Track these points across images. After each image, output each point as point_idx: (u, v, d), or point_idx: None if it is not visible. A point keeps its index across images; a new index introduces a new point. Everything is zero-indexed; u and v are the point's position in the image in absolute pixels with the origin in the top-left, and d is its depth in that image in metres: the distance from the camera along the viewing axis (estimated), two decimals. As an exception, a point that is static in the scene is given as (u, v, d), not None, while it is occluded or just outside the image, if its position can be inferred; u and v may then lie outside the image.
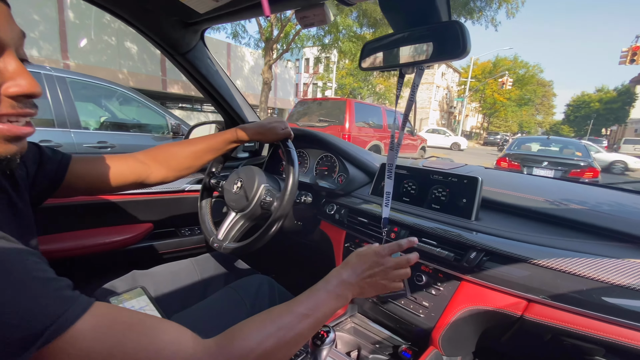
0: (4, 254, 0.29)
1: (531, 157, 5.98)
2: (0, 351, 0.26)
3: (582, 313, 0.57)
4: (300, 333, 0.45)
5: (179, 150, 0.80)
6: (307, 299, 0.49)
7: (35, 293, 0.29)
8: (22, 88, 0.34)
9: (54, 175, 0.59)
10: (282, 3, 0.78)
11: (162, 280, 0.93)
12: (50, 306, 0.29)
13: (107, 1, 0.86)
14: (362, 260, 0.57)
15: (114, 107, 3.36)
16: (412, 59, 0.69)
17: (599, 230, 0.68)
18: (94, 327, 0.31)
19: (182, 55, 1.06)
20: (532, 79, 34.67)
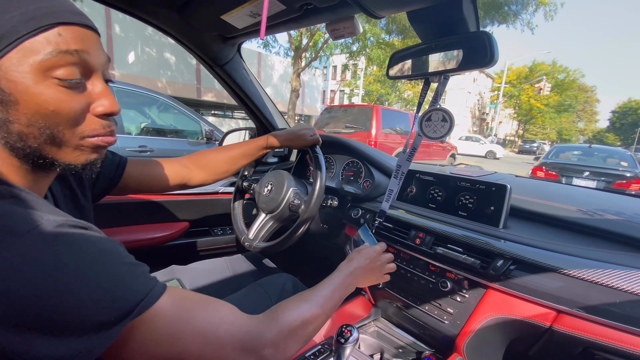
0: (102, 243, 0.35)
1: (571, 167, 5.62)
2: (104, 322, 0.31)
3: (614, 326, 0.55)
4: (324, 311, 0.55)
5: (217, 155, 0.87)
6: (326, 285, 0.60)
7: (128, 275, 0.35)
8: (106, 108, 0.40)
9: (113, 176, 0.67)
10: (315, 17, 0.83)
11: (198, 275, 1.00)
12: (140, 285, 0.35)
13: (159, 20, 0.96)
14: (364, 257, 0.72)
15: (153, 114, 3.60)
16: (440, 68, 0.72)
17: (634, 242, 0.65)
18: (172, 303, 0.37)
19: (220, 67, 1.15)
20: (573, 84, 32.56)
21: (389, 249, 0.93)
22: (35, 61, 0.33)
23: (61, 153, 0.38)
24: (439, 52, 0.71)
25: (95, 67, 0.39)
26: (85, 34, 0.37)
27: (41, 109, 0.35)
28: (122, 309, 0.32)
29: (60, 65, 0.35)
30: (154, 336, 0.36)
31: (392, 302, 0.93)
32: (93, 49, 0.38)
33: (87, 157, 0.41)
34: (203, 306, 0.41)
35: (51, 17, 0.34)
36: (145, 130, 3.42)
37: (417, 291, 0.85)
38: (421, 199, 0.96)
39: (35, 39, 0.33)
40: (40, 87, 0.34)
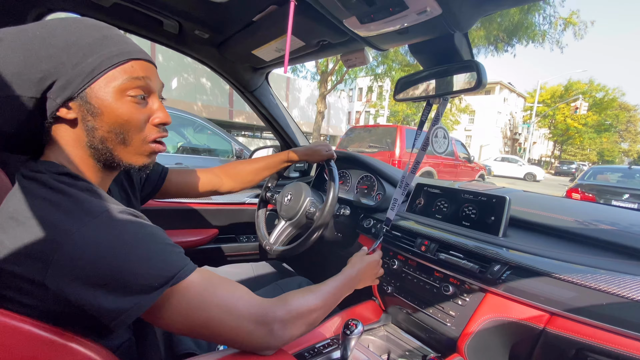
0: (150, 227, 0.46)
1: (610, 189, 5.30)
2: (150, 285, 0.40)
3: (603, 327, 0.59)
4: (326, 304, 0.63)
5: (244, 166, 1.00)
6: (330, 283, 0.70)
7: (169, 252, 0.45)
8: (161, 119, 0.53)
9: (156, 182, 0.81)
10: (330, 50, 0.97)
11: (228, 276, 1.12)
12: (177, 261, 0.44)
13: (201, 55, 1.15)
14: (365, 263, 0.85)
15: (189, 134, 3.91)
16: (439, 92, 0.81)
17: (625, 250, 0.69)
18: (202, 278, 0.46)
19: (250, 93, 1.32)
20: (613, 103, 30.67)
21: (398, 256, 1.00)
22: (116, 85, 0.47)
23: (127, 154, 0.51)
24: (438, 78, 0.82)
25: (154, 89, 0.53)
26: (148, 66, 0.51)
27: (118, 118, 0.48)
28: (163, 277, 0.42)
29: (132, 87, 0.48)
30: (186, 303, 0.44)
31: (402, 308, 0.99)
32: (153, 77, 0.52)
33: (144, 160, 0.53)
34: (225, 285, 0.49)
35: (127, 55, 0.48)
36: (182, 149, 3.72)
37: (423, 295, 0.91)
38: (428, 210, 1.03)
39: (117, 70, 0.47)
40: (118, 103, 0.47)
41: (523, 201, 0.98)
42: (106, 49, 0.47)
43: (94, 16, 0.93)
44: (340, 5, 0.67)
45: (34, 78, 0.43)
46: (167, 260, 0.44)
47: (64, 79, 0.44)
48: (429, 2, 0.61)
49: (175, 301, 0.43)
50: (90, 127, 0.47)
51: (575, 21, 8.38)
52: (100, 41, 0.47)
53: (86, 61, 0.45)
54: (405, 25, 0.69)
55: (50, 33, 0.44)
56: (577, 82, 31.13)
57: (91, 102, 0.46)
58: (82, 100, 0.46)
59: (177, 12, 0.88)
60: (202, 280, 0.46)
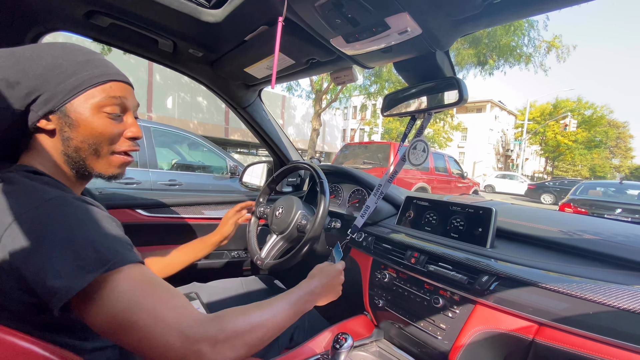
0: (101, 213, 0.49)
1: (601, 204, 5.38)
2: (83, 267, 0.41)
3: (591, 337, 0.59)
4: (277, 322, 0.57)
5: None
6: (284, 298, 0.63)
7: (112, 238, 0.46)
8: (134, 133, 0.60)
9: None
10: (319, 68, 1.01)
11: (215, 292, 1.11)
12: (118, 249, 0.45)
13: (194, 73, 1.18)
14: (325, 275, 0.77)
15: (184, 151, 3.93)
16: (422, 107, 0.85)
17: (610, 259, 0.70)
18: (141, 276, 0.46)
19: (243, 109, 1.35)
20: (601, 120, 31.55)
21: (389, 269, 1.00)
22: (94, 102, 0.53)
23: (97, 163, 0.57)
24: (422, 94, 0.85)
25: (130, 108, 0.60)
26: (125, 87, 0.58)
27: (93, 131, 0.54)
28: (98, 261, 0.42)
29: (109, 105, 0.55)
30: (115, 297, 0.42)
31: (394, 322, 0.98)
32: (129, 97, 0.59)
33: (113, 170, 0.59)
34: (163, 290, 0.47)
35: (106, 76, 0.55)
36: (176, 166, 3.73)
37: (414, 308, 0.90)
38: (418, 222, 1.04)
39: (96, 89, 0.54)
40: (94, 118, 0.54)
41: (509, 213, 1.00)
42: (88, 71, 0.53)
43: (92, 36, 0.96)
44: (326, 25, 0.71)
45: (21, 93, 0.49)
46: (107, 246, 0.44)
47: (48, 95, 0.50)
48: (409, 22, 0.65)
49: (104, 292, 0.42)
50: (66, 137, 0.53)
51: (558, 44, 8.75)
52: (84, 64, 0.54)
53: (69, 80, 0.51)
54: (388, 44, 0.73)
55: (38, 55, 0.51)
56: (566, 100, 32.09)
57: (70, 116, 0.52)
58: (62, 113, 0.52)
59: (171, 31, 0.92)
60: (141, 278, 0.45)
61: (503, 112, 35.64)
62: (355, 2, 0.60)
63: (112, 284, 0.43)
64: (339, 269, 0.81)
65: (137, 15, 0.83)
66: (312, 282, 0.73)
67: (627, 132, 40.03)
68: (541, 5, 0.59)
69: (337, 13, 0.64)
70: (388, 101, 0.94)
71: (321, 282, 0.74)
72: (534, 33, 8.29)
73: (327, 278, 0.76)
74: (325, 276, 0.76)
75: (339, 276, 0.80)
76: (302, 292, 0.68)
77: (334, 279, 0.78)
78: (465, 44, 8.19)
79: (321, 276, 0.75)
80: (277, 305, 0.59)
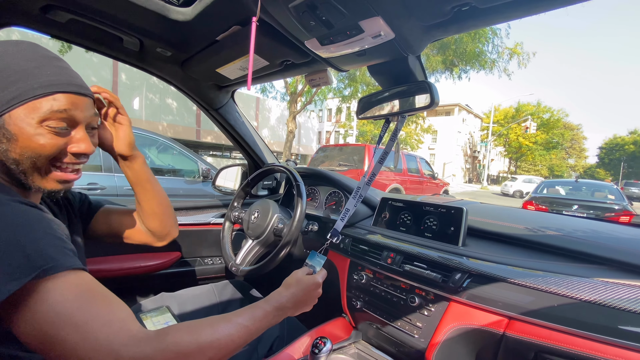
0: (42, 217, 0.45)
1: (560, 201, 5.77)
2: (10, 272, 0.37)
3: (558, 329, 0.62)
4: (234, 340, 0.50)
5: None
6: (247, 313, 0.56)
7: (48, 242, 0.42)
8: (79, 149, 0.54)
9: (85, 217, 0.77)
10: (294, 70, 0.99)
11: (186, 301, 1.05)
12: (54, 254, 0.42)
13: (163, 73, 1.13)
14: (302, 287, 0.69)
15: (152, 155, 3.76)
16: (396, 110, 0.86)
17: (571, 253, 0.75)
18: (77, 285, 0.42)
19: (215, 110, 1.31)
20: (558, 123, 34.14)
21: (366, 270, 1.01)
22: (35, 115, 0.49)
23: (35, 177, 0.52)
24: (395, 97, 0.87)
25: (80, 120, 0.54)
26: (77, 98, 0.53)
27: (32, 144, 0.49)
28: (28, 267, 0.38)
29: (52, 119, 0.50)
30: (44, 307, 0.39)
31: (372, 323, 0.98)
32: (80, 109, 0.54)
33: (52, 185, 0.54)
34: (102, 301, 0.43)
35: (53, 87, 0.50)
36: (144, 170, 3.56)
37: (391, 308, 0.91)
38: (393, 223, 1.06)
39: (39, 101, 0.49)
40: (35, 132, 0.49)
41: (479, 212, 1.04)
42: (33, 80, 0.48)
43: (49, 32, 0.89)
44: (300, 27, 0.70)
45: None
46: (39, 251, 0.41)
47: None
48: (383, 27, 0.65)
49: (33, 303, 0.38)
50: (3, 150, 0.49)
51: (519, 51, 9.35)
52: (30, 71, 0.49)
53: (9, 89, 0.47)
54: (362, 47, 0.74)
55: None
56: (527, 104, 34.35)
57: (7, 128, 0.48)
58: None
59: (137, 29, 0.87)
60: (74, 287, 0.41)
61: (470, 115, 37.43)
62: (329, 4, 0.60)
63: (42, 293, 0.39)
64: (317, 281, 0.73)
65: (98, 10, 0.78)
66: (284, 294, 0.66)
67: (581, 133, 43.50)
68: (505, 14, 0.62)
69: (311, 15, 0.64)
70: (363, 104, 0.94)
71: (295, 295, 0.66)
72: (497, 40, 8.83)
73: (303, 291, 0.69)
74: (302, 288, 0.69)
75: (317, 289, 0.72)
76: (269, 306, 0.61)
77: (310, 292, 0.70)
78: (434, 50, 8.53)
79: (297, 287, 0.68)
80: (235, 322, 0.52)
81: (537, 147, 33.86)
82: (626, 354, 0.54)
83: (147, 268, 1.22)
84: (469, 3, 0.58)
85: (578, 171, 45.89)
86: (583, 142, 45.22)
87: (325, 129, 29.29)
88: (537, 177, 20.61)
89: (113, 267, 1.16)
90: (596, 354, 0.58)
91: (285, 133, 12.16)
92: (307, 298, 0.69)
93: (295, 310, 0.68)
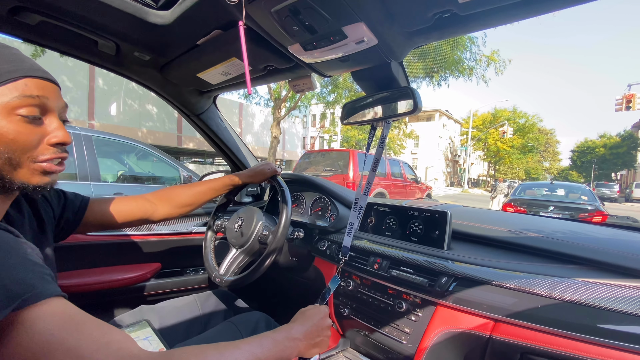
0: (14, 241, 0.40)
1: (537, 202, 5.98)
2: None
3: (542, 329, 0.62)
4: None
5: (182, 190, 0.94)
6: (255, 341, 0.52)
7: (25, 267, 0.38)
8: (59, 138, 0.50)
9: (76, 213, 0.73)
10: (277, 75, 0.99)
11: (167, 314, 1.01)
12: (33, 281, 0.38)
13: (142, 78, 1.09)
14: (308, 318, 0.65)
15: (131, 162, 3.65)
16: (380, 115, 0.86)
17: (552, 254, 0.76)
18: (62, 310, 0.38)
19: (197, 116, 1.28)
20: (533, 128, 35.71)
21: (353, 276, 1.00)
22: (2, 102, 0.45)
23: (17, 174, 0.48)
24: (379, 103, 0.87)
25: (52, 109, 0.51)
26: (46, 84, 0.50)
27: (2, 137, 0.45)
28: (5, 297, 0.34)
29: (23, 105, 0.46)
30: (29, 337, 0.35)
31: (360, 330, 0.97)
32: (52, 96, 0.50)
33: (37, 180, 0.50)
34: (92, 326, 0.39)
35: (19, 72, 0.47)
36: (122, 178, 3.44)
37: (378, 315, 0.90)
38: (379, 228, 1.05)
39: (6, 86, 0.45)
40: (3, 122, 0.45)
41: (463, 215, 1.06)
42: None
43: (19, 35, 0.85)
44: (283, 32, 0.69)
45: None
46: (17, 279, 0.37)
47: None
48: (366, 33, 0.66)
49: (16, 335, 0.35)
50: None
51: (496, 59, 9.73)
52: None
53: None
54: (346, 53, 0.74)
55: None
56: (504, 110, 35.73)
57: None
58: None
59: (113, 32, 0.84)
60: (59, 314, 0.38)
61: (450, 120, 38.53)
62: (312, 10, 0.60)
63: (26, 324, 0.35)
64: (324, 310, 0.69)
65: (71, 12, 0.75)
66: (292, 326, 0.62)
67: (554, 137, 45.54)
68: (484, 21, 0.64)
69: (294, 20, 0.63)
70: (347, 110, 0.94)
71: (304, 327, 0.62)
72: (475, 48, 9.17)
73: (311, 321, 0.64)
74: (308, 319, 0.64)
75: (325, 319, 0.68)
76: (278, 335, 0.57)
77: (319, 321, 0.66)
78: (415, 57, 8.76)
79: (303, 319, 0.64)
80: (244, 349, 0.49)
81: (514, 151, 35.20)
82: (606, 352, 0.55)
83: (125, 281, 1.16)
84: (450, 10, 0.59)
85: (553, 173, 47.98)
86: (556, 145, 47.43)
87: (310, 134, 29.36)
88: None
89: (88, 280, 1.10)
90: (579, 353, 0.58)
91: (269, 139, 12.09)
92: (316, 330, 0.64)
93: (306, 343, 0.61)
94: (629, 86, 13.53)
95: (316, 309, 0.69)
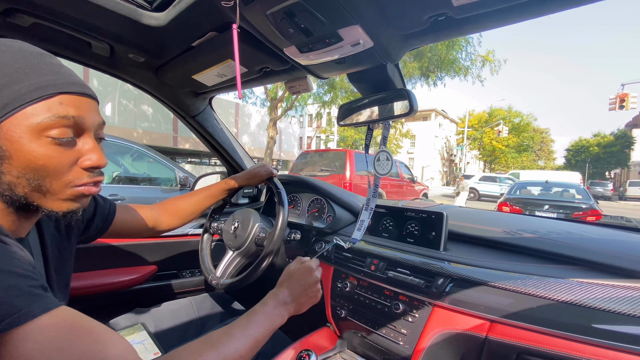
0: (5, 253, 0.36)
1: (532, 201, 6.04)
2: None
3: (538, 330, 0.63)
4: (240, 354, 0.49)
5: (183, 201, 0.94)
6: (245, 321, 0.53)
7: (9, 284, 0.34)
8: (92, 162, 0.45)
9: (105, 221, 0.72)
10: (273, 77, 0.98)
11: (162, 317, 1.00)
12: (18, 298, 0.34)
13: (136, 80, 1.09)
14: (295, 278, 0.66)
15: (126, 163, 3.62)
16: (376, 117, 0.86)
17: (547, 255, 0.77)
18: (53, 326, 0.35)
19: (192, 118, 1.27)
20: (528, 127, 35.98)
21: (350, 278, 1.00)
22: (33, 123, 0.40)
23: (46, 201, 0.43)
24: (375, 105, 0.87)
25: (88, 128, 0.45)
26: (83, 101, 0.45)
27: (31, 163, 0.40)
28: None
29: (55, 127, 0.41)
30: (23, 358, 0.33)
31: (357, 331, 0.97)
32: (88, 114, 0.45)
33: (69, 205, 0.45)
34: (93, 338, 0.37)
35: (53, 88, 0.41)
36: (117, 179, 3.41)
37: (375, 316, 0.91)
38: (376, 229, 1.06)
39: (38, 105, 0.40)
40: (33, 145, 0.40)
41: (458, 216, 1.06)
42: (27, 81, 0.40)
43: (12, 37, 0.84)
44: (279, 34, 0.69)
45: None
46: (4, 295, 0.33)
47: None
48: (362, 35, 0.66)
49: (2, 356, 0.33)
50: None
51: (491, 59, 9.80)
52: (22, 71, 0.40)
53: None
54: (341, 55, 0.74)
55: None
56: (499, 109, 35.95)
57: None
58: None
59: (107, 34, 0.83)
60: (51, 331, 0.35)
61: (446, 120, 38.73)
62: (307, 12, 0.60)
63: (14, 347, 0.33)
64: (310, 266, 0.69)
65: (64, 14, 0.74)
66: (278, 290, 0.63)
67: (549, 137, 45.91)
68: (479, 24, 0.64)
69: (290, 22, 0.63)
70: (343, 111, 0.94)
71: (290, 288, 0.63)
72: (471, 48, 9.24)
73: (297, 281, 0.65)
74: (295, 280, 0.65)
75: (311, 275, 0.68)
76: (268, 307, 0.58)
77: (306, 279, 0.66)
78: (411, 57, 8.79)
79: (289, 281, 0.65)
80: (239, 335, 0.49)
81: (510, 150, 35.44)
82: (601, 352, 0.56)
83: (121, 284, 1.15)
84: (445, 13, 0.59)
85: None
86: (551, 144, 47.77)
87: (307, 134, 29.37)
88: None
89: (84, 283, 1.09)
90: (574, 353, 0.59)
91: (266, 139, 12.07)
92: (304, 289, 0.65)
93: (298, 303, 0.63)
94: (623, 85, 13.68)
95: (302, 265, 0.69)
